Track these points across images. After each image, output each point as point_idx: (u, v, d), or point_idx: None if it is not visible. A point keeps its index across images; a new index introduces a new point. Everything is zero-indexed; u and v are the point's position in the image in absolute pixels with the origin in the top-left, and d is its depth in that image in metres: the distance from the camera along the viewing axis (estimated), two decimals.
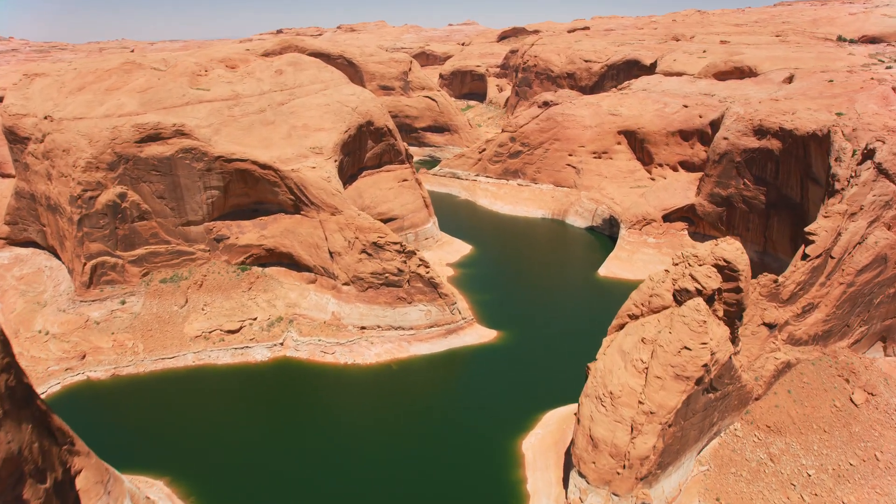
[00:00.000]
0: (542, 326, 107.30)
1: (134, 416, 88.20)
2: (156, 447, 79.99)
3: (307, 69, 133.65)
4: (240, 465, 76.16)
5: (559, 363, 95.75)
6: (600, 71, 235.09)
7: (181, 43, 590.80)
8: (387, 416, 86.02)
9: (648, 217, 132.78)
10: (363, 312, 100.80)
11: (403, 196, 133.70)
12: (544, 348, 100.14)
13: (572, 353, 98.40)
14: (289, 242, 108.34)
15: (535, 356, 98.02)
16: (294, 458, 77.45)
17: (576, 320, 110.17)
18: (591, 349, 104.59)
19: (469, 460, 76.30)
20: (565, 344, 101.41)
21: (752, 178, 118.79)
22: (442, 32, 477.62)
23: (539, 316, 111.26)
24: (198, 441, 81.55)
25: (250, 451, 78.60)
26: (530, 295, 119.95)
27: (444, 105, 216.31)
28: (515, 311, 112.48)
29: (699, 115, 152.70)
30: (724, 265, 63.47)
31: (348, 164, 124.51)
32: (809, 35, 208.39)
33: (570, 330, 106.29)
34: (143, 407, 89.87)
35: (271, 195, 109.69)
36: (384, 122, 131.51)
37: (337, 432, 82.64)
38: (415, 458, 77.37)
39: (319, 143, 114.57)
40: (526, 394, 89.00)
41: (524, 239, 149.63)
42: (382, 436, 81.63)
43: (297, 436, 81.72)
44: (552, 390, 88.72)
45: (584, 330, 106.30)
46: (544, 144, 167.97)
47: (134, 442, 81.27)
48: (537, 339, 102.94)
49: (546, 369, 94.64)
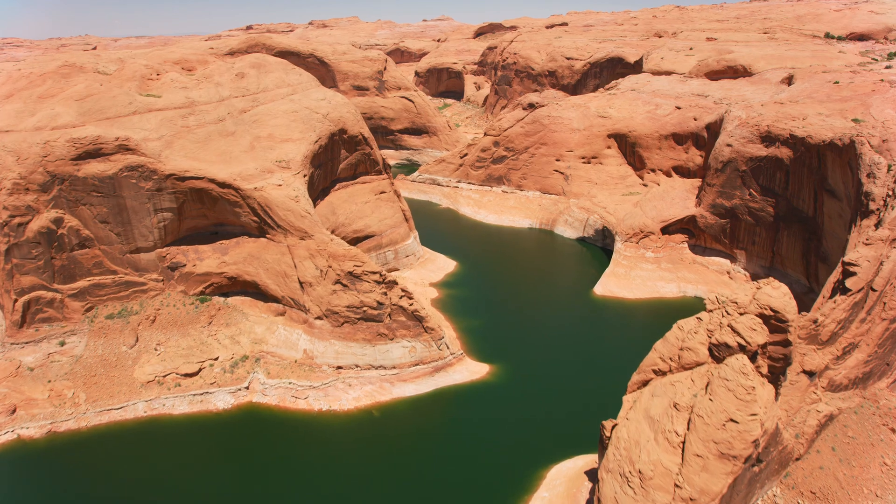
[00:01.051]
0: (538, 357, 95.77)
1: (75, 481, 74.61)
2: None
3: (272, 71, 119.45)
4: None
5: (561, 403, 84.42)
6: (583, 69, 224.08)
7: (146, 39, 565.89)
8: (366, 473, 73.63)
9: (646, 229, 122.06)
10: (339, 350, 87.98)
11: (381, 210, 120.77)
12: (542, 385, 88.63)
13: (574, 390, 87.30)
14: (253, 270, 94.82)
15: (533, 395, 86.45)
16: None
17: (575, 349, 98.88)
18: (594, 384, 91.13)
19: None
20: (565, 378, 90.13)
21: (759, 189, 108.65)
22: (416, 28, 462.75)
23: (533, 345, 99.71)
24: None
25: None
26: (522, 319, 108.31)
27: (421, 106, 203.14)
28: (507, 340, 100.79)
29: (693, 117, 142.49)
30: (771, 314, 52.36)
31: (320, 178, 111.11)
32: (797, 32, 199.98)
33: (570, 360, 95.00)
34: (86, 469, 76.17)
35: (232, 216, 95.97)
36: (359, 129, 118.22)
37: (311, 492, 70.10)
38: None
39: (286, 156, 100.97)
40: (526, 443, 77.37)
41: (512, 252, 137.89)
42: (361, 497, 69.37)
43: (266, 497, 69.11)
44: (556, 437, 77.37)
45: (586, 360, 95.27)
46: (530, 149, 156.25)
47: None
48: (534, 373, 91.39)
49: (546, 411, 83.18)
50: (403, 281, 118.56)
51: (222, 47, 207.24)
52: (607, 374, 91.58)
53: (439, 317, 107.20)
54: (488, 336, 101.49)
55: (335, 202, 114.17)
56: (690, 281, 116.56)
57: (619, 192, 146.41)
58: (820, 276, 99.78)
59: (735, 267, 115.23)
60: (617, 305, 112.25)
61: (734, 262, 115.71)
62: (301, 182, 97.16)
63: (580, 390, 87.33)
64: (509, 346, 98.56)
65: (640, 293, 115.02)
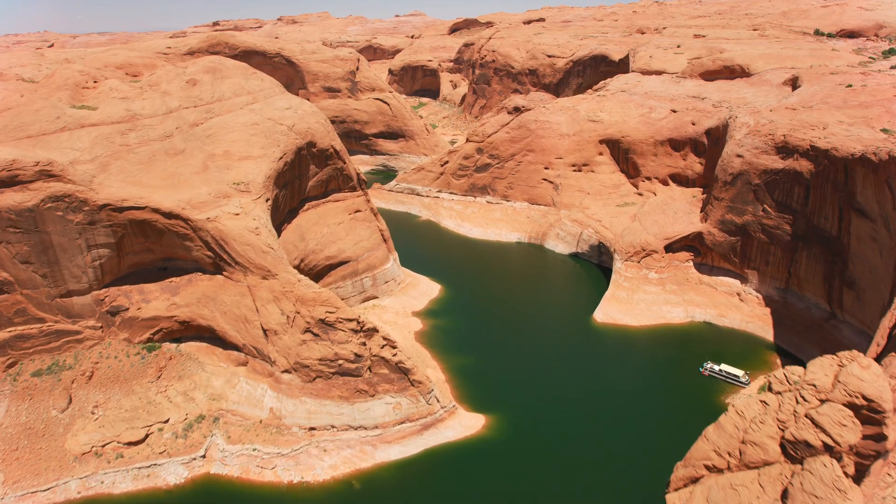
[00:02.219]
0: (538, 403, 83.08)
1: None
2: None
3: (230, 77, 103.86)
4: None
5: (568, 459, 72.00)
6: (565, 67, 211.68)
7: (108, 36, 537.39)
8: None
9: (648, 247, 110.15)
10: (311, 409, 73.99)
11: (357, 231, 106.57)
12: (545, 437, 76.04)
13: (582, 443, 74.81)
14: (209, 313, 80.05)
15: (536, 451, 73.79)
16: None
17: (578, 390, 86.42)
18: (604, 434, 77.13)
19: None
20: (571, 427, 77.79)
21: (775, 205, 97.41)
22: (389, 24, 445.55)
23: (532, 386, 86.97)
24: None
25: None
26: (517, 354, 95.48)
27: (397, 108, 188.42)
28: (502, 381, 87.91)
29: (691, 121, 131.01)
30: (862, 404, 40.28)
31: (286, 199, 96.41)
32: (786, 29, 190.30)
33: (574, 404, 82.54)
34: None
35: (183, 251, 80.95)
36: (329, 141, 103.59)
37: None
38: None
39: (245, 177, 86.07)
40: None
41: (500, 271, 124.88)
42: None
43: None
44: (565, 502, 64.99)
45: (592, 404, 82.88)
46: (516, 156, 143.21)
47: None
48: (535, 423, 78.75)
49: (552, 470, 70.62)
50: (383, 310, 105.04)
51: (181, 47, 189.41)
52: (618, 421, 79.61)
53: (425, 354, 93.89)
54: (481, 377, 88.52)
55: (304, 225, 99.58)
56: (698, 304, 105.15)
57: (614, 202, 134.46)
58: (845, 301, 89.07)
59: (746, 288, 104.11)
60: (620, 334, 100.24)
61: (745, 282, 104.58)
62: (262, 209, 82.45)
63: (589, 443, 75.03)
64: (505, 390, 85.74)
65: (644, 319, 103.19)
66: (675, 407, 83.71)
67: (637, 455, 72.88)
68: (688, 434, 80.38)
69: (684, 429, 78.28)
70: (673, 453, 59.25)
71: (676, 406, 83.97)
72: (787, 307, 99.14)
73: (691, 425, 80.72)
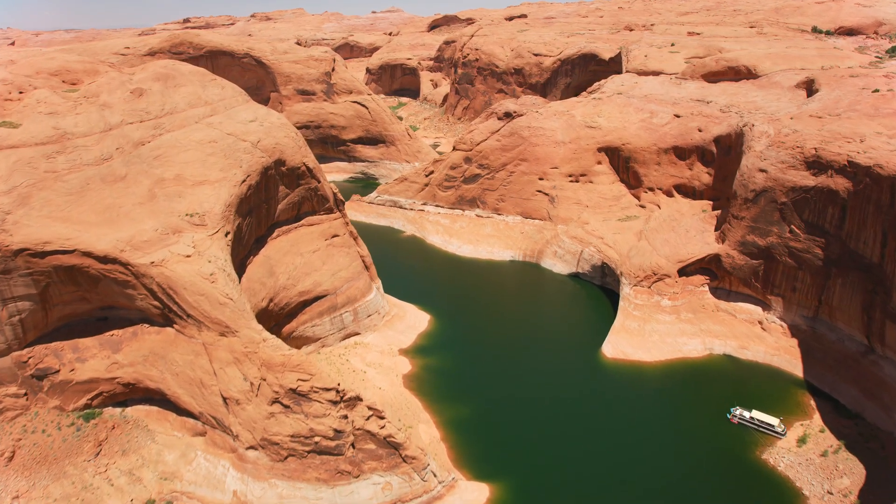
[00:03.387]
0: (549, 462, 70.52)
1: None
2: None
3: (184, 85, 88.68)
4: None
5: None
6: (552, 66, 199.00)
7: (74, 34, 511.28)
8: None
9: (660, 271, 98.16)
10: (283, 493, 60.25)
11: (335, 260, 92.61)
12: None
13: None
14: (158, 374, 65.67)
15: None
16: None
17: (592, 444, 73.82)
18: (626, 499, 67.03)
19: None
20: (588, 492, 65.41)
21: (804, 226, 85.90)
22: (366, 21, 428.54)
23: (540, 441, 74.16)
24: None
25: None
26: (520, 401, 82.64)
27: (376, 112, 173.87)
28: (506, 437, 75.11)
29: (698, 127, 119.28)
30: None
31: (251, 227, 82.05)
32: (783, 26, 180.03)
33: (589, 462, 70.15)
34: None
35: (124, 299, 66.35)
36: (301, 158, 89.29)
37: None
38: None
39: (201, 207, 71.56)
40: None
41: (494, 296, 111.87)
42: None
43: None
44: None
45: (610, 462, 70.57)
46: (508, 166, 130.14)
47: None
48: (547, 490, 66.24)
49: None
50: (366, 349, 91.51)
51: (140, 47, 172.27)
52: (642, 480, 67.64)
53: (416, 405, 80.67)
54: (482, 432, 75.66)
55: (274, 256, 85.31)
56: (717, 334, 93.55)
57: (615, 215, 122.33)
58: (887, 336, 77.86)
59: (769, 316, 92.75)
60: (633, 372, 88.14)
61: (767, 309, 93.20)
62: (220, 246, 68.09)
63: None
64: (510, 448, 73.01)
65: (659, 353, 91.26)
66: (704, 462, 71.85)
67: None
68: (720, 495, 69.30)
69: (717, 490, 67.01)
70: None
71: (705, 461, 72.09)
72: (816, 338, 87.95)
73: (724, 484, 69.47)
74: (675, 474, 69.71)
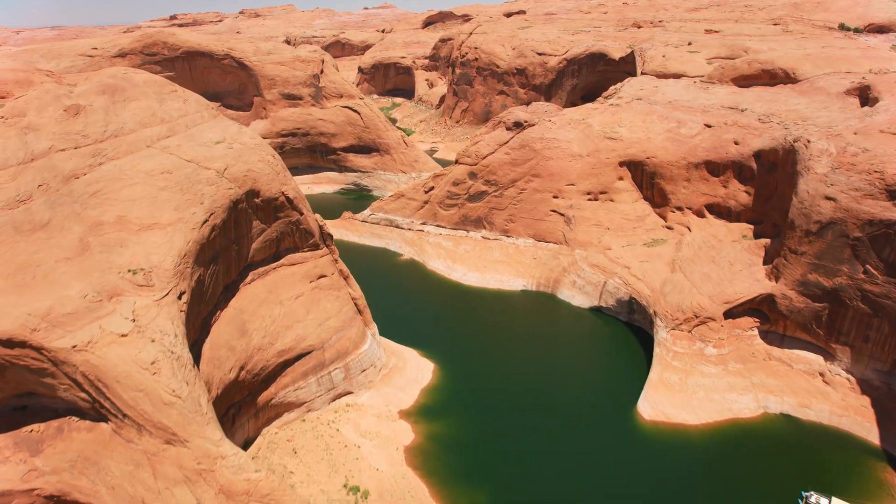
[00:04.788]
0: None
1: None
2: None
3: (136, 99, 71.82)
4: None
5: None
6: (558, 66, 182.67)
7: (57, 31, 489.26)
8: None
9: (702, 313, 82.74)
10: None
11: (322, 306, 76.49)
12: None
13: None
14: (89, 485, 49.48)
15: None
16: None
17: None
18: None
19: None
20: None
21: (883, 266, 70.59)
22: (358, 17, 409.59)
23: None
24: None
25: None
26: (544, 480, 67.15)
27: (369, 118, 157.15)
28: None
29: (734, 140, 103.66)
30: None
31: (217, 276, 65.71)
32: (808, 23, 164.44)
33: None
34: None
35: (44, 388, 50.05)
36: (279, 186, 72.89)
37: None
38: None
39: (147, 261, 55.17)
40: None
41: (507, 336, 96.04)
42: None
43: None
44: None
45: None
46: (518, 182, 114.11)
47: None
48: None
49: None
50: (361, 412, 75.79)
51: (109, 48, 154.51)
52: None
53: (421, 490, 65.10)
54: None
55: (247, 308, 69.03)
56: (772, 389, 78.37)
57: (640, 239, 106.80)
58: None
59: (832, 367, 77.65)
60: (677, 439, 72.86)
61: (830, 360, 78.06)
62: (171, 315, 51.79)
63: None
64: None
65: (705, 414, 75.96)
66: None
67: None
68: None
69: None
70: None
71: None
72: (892, 397, 72.99)
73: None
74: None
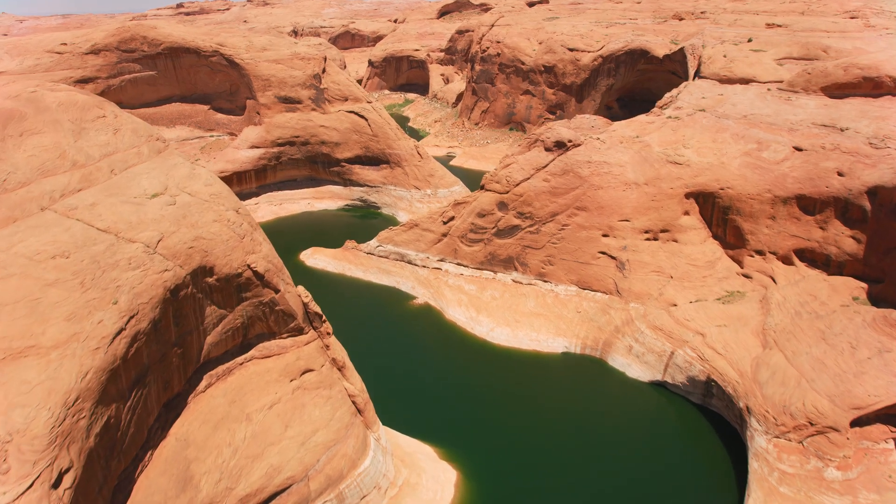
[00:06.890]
0: None
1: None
2: None
3: (40, 132, 48.97)
4: None
5: None
6: (592, 64, 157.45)
7: (61, 19, 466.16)
8: None
9: (821, 421, 59.49)
10: None
11: (306, 416, 54.06)
12: None
13: None
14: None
15: None
16: None
17: None
18: None
19: None
20: None
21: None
22: (369, 6, 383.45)
23: None
24: None
25: None
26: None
27: (378, 125, 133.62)
28: None
29: (837, 170, 79.31)
30: None
31: (145, 400, 43.24)
32: (887, 15, 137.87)
33: None
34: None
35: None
36: (243, 257, 50.14)
37: None
38: None
39: (5, 424, 32.78)
40: None
41: (548, 415, 72.98)
42: None
43: None
44: None
45: None
46: (559, 216, 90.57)
47: None
48: None
49: None
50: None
51: (81, 43, 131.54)
52: None
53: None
54: None
55: (195, 439, 46.67)
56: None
57: (711, 291, 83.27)
58: None
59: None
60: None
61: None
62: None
63: None
64: None
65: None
66: None
67: None
68: None
69: None
70: None
71: None
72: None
73: None
74: None
